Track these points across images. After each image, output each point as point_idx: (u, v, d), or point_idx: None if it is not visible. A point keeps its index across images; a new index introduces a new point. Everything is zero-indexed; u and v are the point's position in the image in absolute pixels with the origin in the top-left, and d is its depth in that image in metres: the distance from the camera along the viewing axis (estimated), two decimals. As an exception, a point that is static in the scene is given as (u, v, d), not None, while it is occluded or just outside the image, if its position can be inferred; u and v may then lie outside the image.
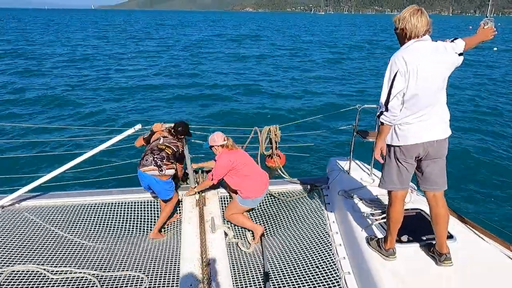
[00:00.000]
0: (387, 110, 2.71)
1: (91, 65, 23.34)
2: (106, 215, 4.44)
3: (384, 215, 3.71)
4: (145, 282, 3.34)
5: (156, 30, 59.97)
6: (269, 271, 3.51)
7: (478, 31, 2.91)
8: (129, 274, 3.45)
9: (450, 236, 3.32)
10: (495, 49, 36.42)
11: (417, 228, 3.45)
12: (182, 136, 4.45)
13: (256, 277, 3.46)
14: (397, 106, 2.69)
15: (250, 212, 4.66)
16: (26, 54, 27.51)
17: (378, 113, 2.80)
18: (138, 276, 3.43)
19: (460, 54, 2.78)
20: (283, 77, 20.17)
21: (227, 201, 4.66)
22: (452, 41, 2.81)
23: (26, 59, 24.73)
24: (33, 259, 3.57)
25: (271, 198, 4.85)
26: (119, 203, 4.59)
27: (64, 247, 3.83)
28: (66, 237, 4.01)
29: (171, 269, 3.54)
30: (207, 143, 4.37)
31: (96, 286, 3.27)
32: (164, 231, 4.37)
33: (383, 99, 2.71)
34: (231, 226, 4.27)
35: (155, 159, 4.01)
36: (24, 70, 20.57)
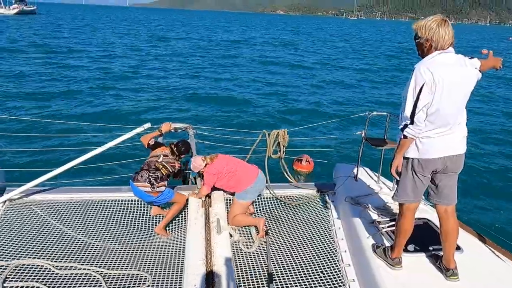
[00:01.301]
0: (412, 123, 2.63)
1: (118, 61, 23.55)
2: (113, 212, 4.46)
3: (391, 223, 3.70)
4: (148, 281, 3.35)
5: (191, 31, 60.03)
6: (273, 273, 3.51)
7: (490, 58, 2.85)
8: (133, 273, 3.46)
9: (457, 248, 3.29)
10: (510, 38, 35.66)
11: (424, 238, 3.42)
12: (183, 156, 4.56)
13: (260, 279, 3.46)
14: (423, 120, 2.62)
15: (256, 215, 4.67)
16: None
17: (401, 126, 2.72)
18: (142, 275, 3.44)
19: None
20: (300, 82, 20.11)
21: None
22: (470, 58, 2.76)
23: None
24: (38, 253, 3.60)
25: (277, 202, 4.84)
26: (127, 201, 4.60)
27: (70, 242, 3.85)
28: (72, 232, 4.03)
29: (175, 269, 3.55)
30: (194, 173, 4.74)
31: (100, 283, 3.29)
32: (169, 230, 4.39)
33: (408, 112, 2.63)
34: (236, 227, 4.27)
35: (150, 177, 4.14)
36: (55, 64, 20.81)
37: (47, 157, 8.15)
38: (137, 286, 3.29)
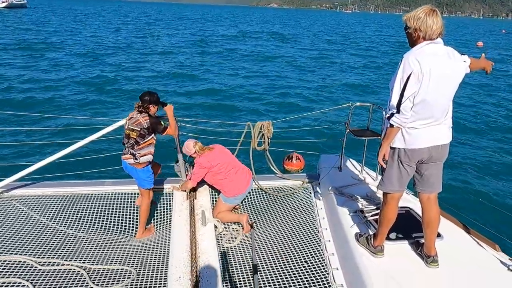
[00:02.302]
0: (398, 112, 2.65)
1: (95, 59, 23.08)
2: (97, 206, 4.40)
3: (374, 212, 3.76)
4: (133, 275, 3.34)
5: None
6: (258, 264, 3.53)
7: (482, 59, 2.88)
8: (118, 268, 3.43)
9: (438, 235, 3.36)
10: (504, 31, 36.33)
11: (405, 226, 3.49)
12: (152, 105, 4.04)
13: (245, 270, 3.48)
14: (409, 109, 2.64)
15: (241, 207, 4.68)
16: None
17: (388, 115, 2.73)
18: (126, 269, 3.42)
19: None
20: (286, 74, 20.10)
21: (218, 194, 4.67)
22: (462, 55, 2.77)
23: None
24: (21, 249, 3.54)
25: (261, 193, 4.86)
26: (110, 194, 4.56)
27: (53, 237, 3.81)
28: (55, 227, 3.98)
29: (159, 262, 3.54)
30: (185, 156, 4.59)
31: (85, 278, 3.26)
32: (153, 223, 4.36)
33: (394, 100, 2.64)
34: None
35: (127, 148, 3.98)
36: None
37: (28, 151, 7.99)
38: (122, 281, 3.28)
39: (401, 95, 2.61)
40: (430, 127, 2.75)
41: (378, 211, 3.54)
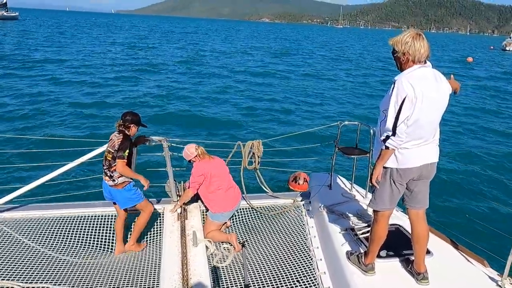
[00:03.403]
0: (394, 134, 2.70)
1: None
2: (86, 228, 4.34)
3: (364, 230, 3.78)
4: None
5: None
6: (250, 284, 3.51)
7: (451, 80, 2.98)
8: None
9: (428, 252, 3.40)
10: (492, 47, 37.40)
11: (395, 244, 3.51)
12: (132, 125, 4.00)
13: None
14: (404, 132, 2.70)
15: (232, 226, 4.67)
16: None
17: (383, 138, 2.78)
18: None
19: None
20: (275, 93, 20.28)
21: None
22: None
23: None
24: (8, 274, 3.47)
25: (253, 212, 4.86)
26: (99, 216, 4.51)
27: (41, 262, 3.73)
28: (43, 251, 3.91)
29: (150, 284, 3.50)
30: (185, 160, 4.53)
31: None
32: (146, 241, 4.32)
33: (389, 123, 2.69)
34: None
35: (105, 170, 3.98)
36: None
37: (15, 174, 7.89)
38: None
39: (397, 118, 2.67)
40: (421, 147, 2.83)
41: (369, 229, 3.57)
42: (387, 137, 2.74)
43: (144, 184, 4.03)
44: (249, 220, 4.77)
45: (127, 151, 3.89)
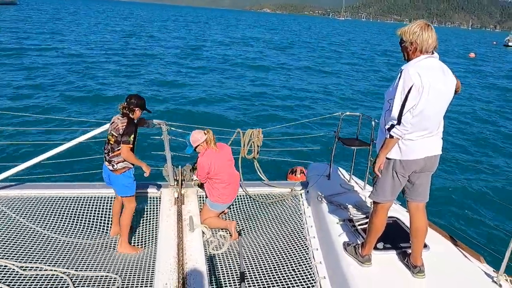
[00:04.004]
0: (399, 123, 2.68)
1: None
2: (82, 210, 4.31)
3: (362, 222, 3.77)
4: (118, 282, 3.27)
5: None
6: (245, 271, 3.50)
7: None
8: (102, 275, 3.36)
9: (425, 245, 3.38)
10: (494, 43, 37.14)
11: (393, 236, 3.50)
12: (137, 108, 3.85)
13: (232, 277, 3.45)
14: (409, 121, 2.68)
15: (229, 214, 4.65)
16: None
17: (388, 126, 2.75)
18: (111, 276, 3.35)
19: None
20: (276, 83, 20.15)
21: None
22: None
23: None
24: (1, 253, 3.44)
25: (250, 200, 4.84)
26: (97, 198, 4.48)
27: (36, 241, 3.71)
28: (39, 231, 3.89)
29: (146, 268, 3.48)
30: (190, 148, 4.37)
31: (68, 284, 3.18)
32: (140, 228, 4.29)
33: (395, 112, 2.67)
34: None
35: (105, 154, 3.85)
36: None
37: (12, 152, 7.84)
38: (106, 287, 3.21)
39: (402, 107, 2.65)
40: (425, 139, 2.81)
41: (367, 220, 3.56)
42: (392, 126, 2.72)
43: (145, 171, 3.92)
44: (246, 208, 4.75)
45: (132, 135, 3.76)
